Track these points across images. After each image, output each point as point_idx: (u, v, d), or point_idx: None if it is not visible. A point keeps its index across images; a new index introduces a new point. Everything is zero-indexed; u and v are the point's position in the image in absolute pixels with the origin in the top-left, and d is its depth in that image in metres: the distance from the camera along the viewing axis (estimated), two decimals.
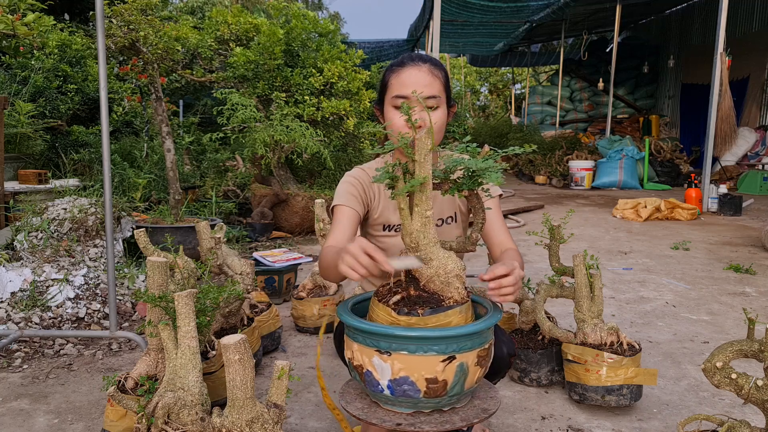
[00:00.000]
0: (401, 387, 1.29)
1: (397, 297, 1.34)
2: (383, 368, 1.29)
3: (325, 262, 1.50)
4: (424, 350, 1.26)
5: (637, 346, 2.12)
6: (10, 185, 4.08)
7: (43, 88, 5.73)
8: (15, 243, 3.32)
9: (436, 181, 1.33)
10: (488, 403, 1.42)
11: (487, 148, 1.29)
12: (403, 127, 1.61)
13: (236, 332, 1.75)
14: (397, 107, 1.62)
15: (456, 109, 1.73)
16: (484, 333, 1.34)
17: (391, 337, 1.27)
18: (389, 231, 1.74)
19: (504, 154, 1.33)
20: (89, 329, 2.90)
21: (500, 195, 1.80)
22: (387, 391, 1.31)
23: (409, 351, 1.26)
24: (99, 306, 3.06)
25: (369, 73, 6.18)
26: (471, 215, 1.76)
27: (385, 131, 1.52)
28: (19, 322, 2.79)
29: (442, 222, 1.76)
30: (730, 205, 7.03)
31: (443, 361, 1.26)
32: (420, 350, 1.26)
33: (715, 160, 9.38)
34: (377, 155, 1.81)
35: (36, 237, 3.34)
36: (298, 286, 3.41)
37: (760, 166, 9.73)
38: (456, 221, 1.78)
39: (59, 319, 2.90)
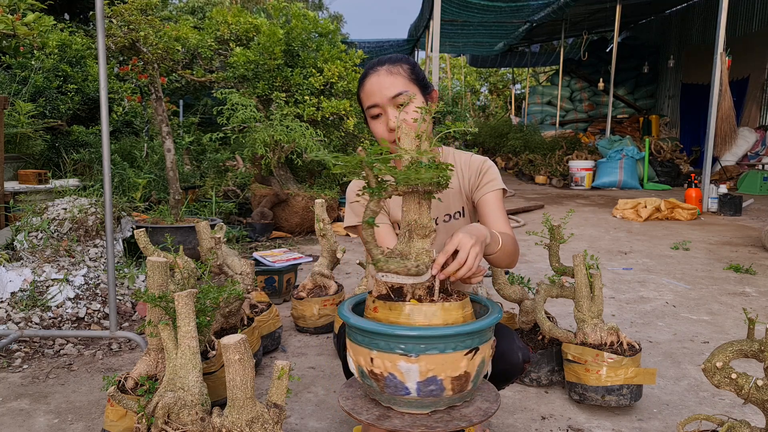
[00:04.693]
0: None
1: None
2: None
3: None
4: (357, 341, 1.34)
5: (637, 346, 2.12)
6: (10, 185, 4.08)
7: (43, 88, 5.73)
8: (15, 243, 3.32)
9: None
10: (488, 404, 1.42)
11: (361, 150, 1.24)
12: (384, 134, 1.63)
13: (236, 332, 1.75)
14: (373, 117, 1.64)
15: (438, 93, 1.72)
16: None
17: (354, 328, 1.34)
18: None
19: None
20: (89, 329, 2.90)
21: (504, 191, 1.73)
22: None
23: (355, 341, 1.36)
24: (99, 306, 3.06)
25: None
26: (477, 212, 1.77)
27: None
28: (19, 322, 2.79)
29: (450, 218, 1.76)
30: (730, 205, 7.03)
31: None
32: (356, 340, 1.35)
33: (715, 160, 9.38)
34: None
35: (36, 237, 3.34)
36: (298, 286, 3.41)
37: (760, 166, 9.73)
38: (464, 216, 1.78)
39: (59, 319, 2.90)
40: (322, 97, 5.72)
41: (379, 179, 1.26)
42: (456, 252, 1.32)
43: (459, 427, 1.31)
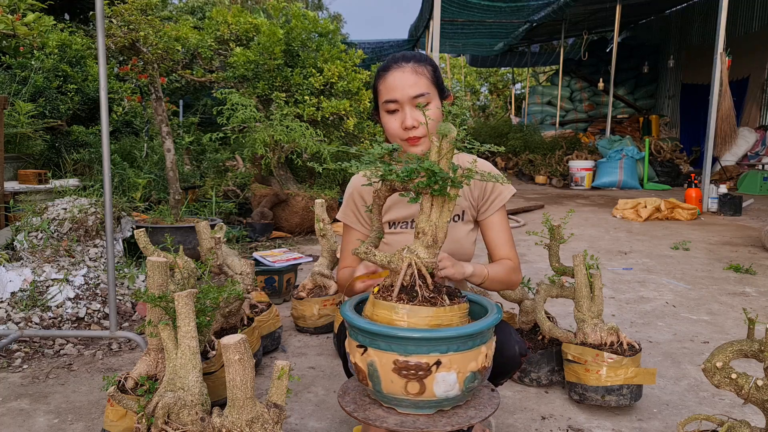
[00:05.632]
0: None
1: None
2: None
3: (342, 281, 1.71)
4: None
5: (637, 346, 2.12)
6: (10, 185, 4.08)
7: (43, 88, 5.72)
8: (15, 243, 3.32)
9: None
10: (487, 404, 1.42)
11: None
12: (398, 130, 1.62)
13: (236, 332, 1.75)
14: (389, 112, 1.64)
15: (453, 99, 1.73)
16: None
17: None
18: (394, 228, 1.74)
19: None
20: (89, 329, 2.90)
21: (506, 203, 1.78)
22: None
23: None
24: (99, 306, 3.06)
25: (369, 73, 6.18)
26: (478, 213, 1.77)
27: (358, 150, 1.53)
28: (19, 322, 2.79)
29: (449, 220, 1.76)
30: (730, 205, 7.03)
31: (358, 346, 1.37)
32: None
33: (715, 160, 9.38)
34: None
35: (36, 237, 3.34)
36: (298, 286, 3.41)
37: (760, 166, 9.73)
38: (462, 219, 1.77)
39: (59, 319, 2.90)
40: (322, 97, 5.72)
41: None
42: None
43: (457, 428, 1.31)
